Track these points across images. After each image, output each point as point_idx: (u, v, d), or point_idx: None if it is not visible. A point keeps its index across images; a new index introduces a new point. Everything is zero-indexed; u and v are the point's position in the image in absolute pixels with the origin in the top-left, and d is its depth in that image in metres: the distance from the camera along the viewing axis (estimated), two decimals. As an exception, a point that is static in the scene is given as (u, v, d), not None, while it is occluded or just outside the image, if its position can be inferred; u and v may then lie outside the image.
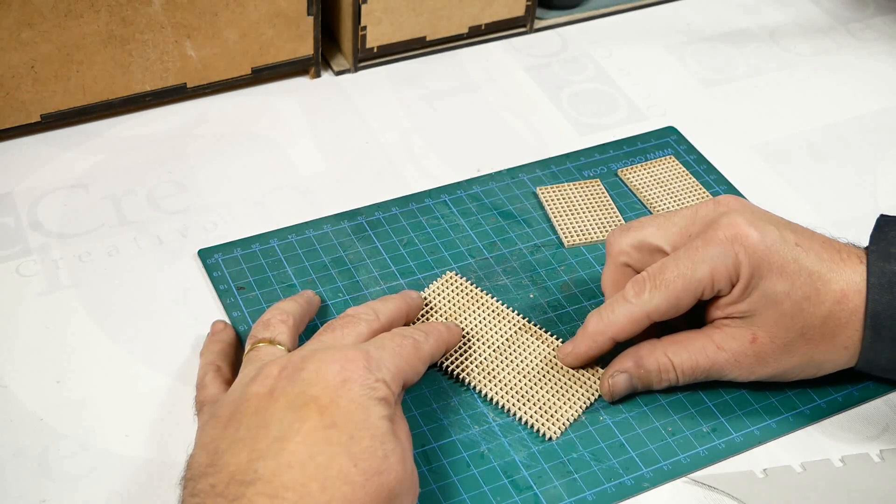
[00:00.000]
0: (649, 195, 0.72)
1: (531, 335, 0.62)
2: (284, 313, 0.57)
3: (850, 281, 0.56)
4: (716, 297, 0.57)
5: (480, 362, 0.60)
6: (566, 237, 0.69)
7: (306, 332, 0.60)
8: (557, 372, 0.60)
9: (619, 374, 0.59)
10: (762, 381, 0.59)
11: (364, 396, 0.48)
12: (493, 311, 0.63)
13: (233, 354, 0.59)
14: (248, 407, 0.49)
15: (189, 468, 0.48)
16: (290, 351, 0.55)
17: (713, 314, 0.58)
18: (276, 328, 0.56)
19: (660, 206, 0.71)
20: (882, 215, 0.59)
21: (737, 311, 0.57)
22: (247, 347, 0.56)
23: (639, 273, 0.59)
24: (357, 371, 0.49)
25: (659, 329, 0.59)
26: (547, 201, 0.71)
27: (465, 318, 0.63)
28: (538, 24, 0.87)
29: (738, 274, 0.56)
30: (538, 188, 0.72)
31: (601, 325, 0.58)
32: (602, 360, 0.61)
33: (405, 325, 0.59)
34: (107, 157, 0.73)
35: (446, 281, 0.65)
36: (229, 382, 0.56)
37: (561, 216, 0.70)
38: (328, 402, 0.48)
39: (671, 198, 0.72)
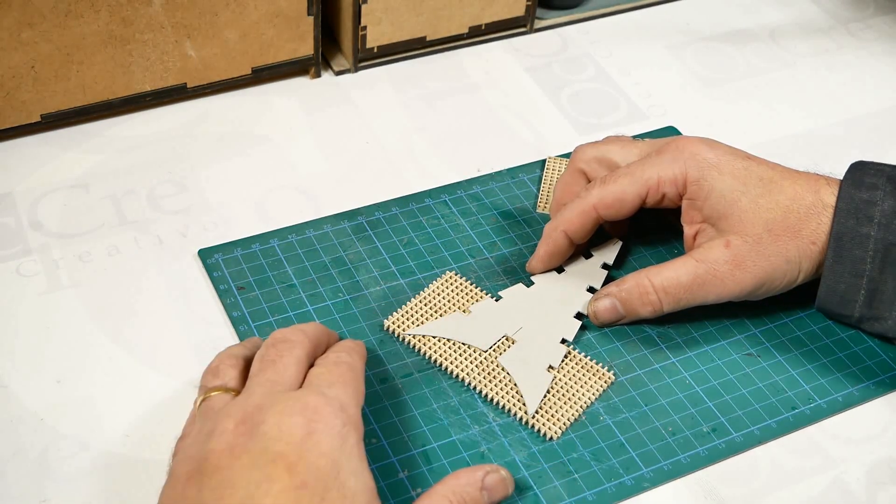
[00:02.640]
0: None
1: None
2: (233, 357, 0.54)
3: (805, 186, 0.61)
4: (689, 222, 0.62)
5: (480, 362, 0.60)
6: (541, 204, 0.71)
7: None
8: (558, 372, 0.60)
9: (603, 298, 0.63)
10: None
11: (333, 449, 0.46)
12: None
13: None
14: (207, 465, 0.46)
15: None
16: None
17: (692, 245, 0.63)
18: (226, 373, 0.52)
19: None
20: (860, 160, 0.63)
21: (702, 217, 0.61)
22: (198, 399, 0.52)
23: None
24: (322, 420, 0.47)
25: None
26: (548, 170, 0.73)
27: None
28: (538, 24, 0.87)
29: (684, 181, 0.61)
30: (548, 157, 0.74)
31: (553, 223, 0.64)
32: (604, 359, 0.62)
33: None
34: (107, 157, 0.73)
35: (446, 281, 0.65)
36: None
37: (550, 185, 0.72)
38: (296, 459, 0.45)
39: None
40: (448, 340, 0.61)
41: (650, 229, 0.70)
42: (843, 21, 0.92)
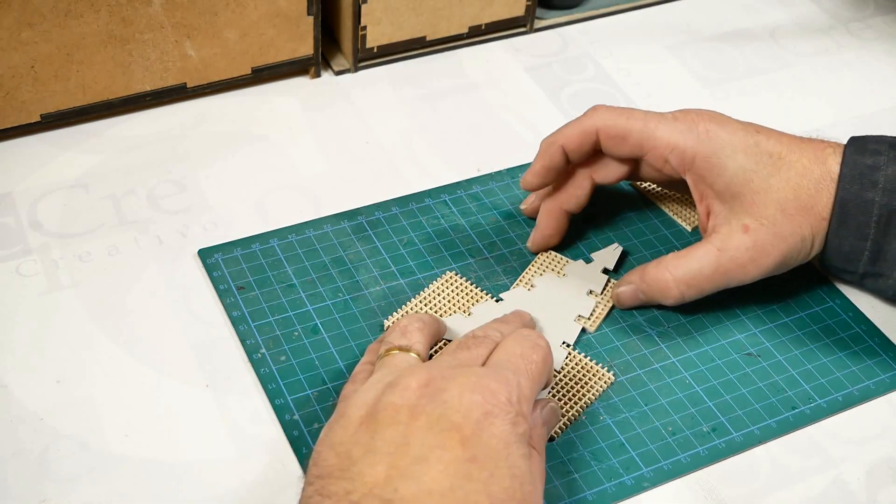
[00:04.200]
0: (654, 192, 0.72)
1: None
2: (422, 322, 0.56)
3: (812, 158, 0.61)
4: (700, 199, 0.62)
5: (480, 362, 0.60)
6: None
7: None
8: (558, 372, 0.60)
9: (625, 286, 0.63)
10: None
11: (506, 433, 0.47)
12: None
13: None
14: (384, 416, 0.47)
15: (316, 465, 0.47)
16: (422, 361, 0.54)
17: (706, 221, 0.63)
18: (413, 336, 0.54)
19: (662, 203, 0.71)
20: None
21: (713, 193, 0.61)
22: (381, 351, 0.54)
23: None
24: (499, 406, 0.47)
25: None
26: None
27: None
28: (538, 24, 0.87)
29: (693, 157, 0.61)
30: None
31: (552, 137, 0.64)
32: (604, 359, 0.62)
33: None
34: (107, 157, 0.73)
35: (446, 281, 0.65)
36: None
37: None
38: (470, 434, 0.46)
39: (672, 195, 0.72)
40: (449, 342, 0.61)
41: (649, 230, 0.70)
42: (843, 21, 0.92)
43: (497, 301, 0.64)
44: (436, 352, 0.60)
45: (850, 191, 0.60)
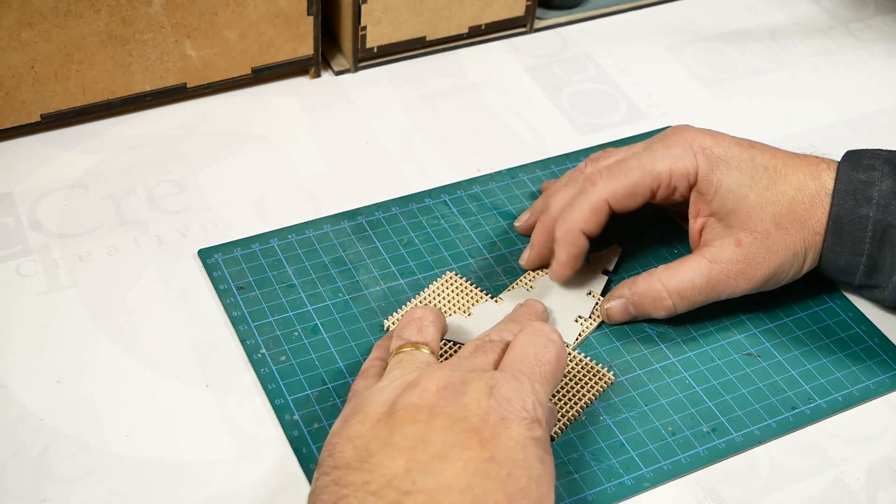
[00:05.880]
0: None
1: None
2: (435, 315, 0.56)
3: (807, 173, 0.61)
4: (696, 215, 0.62)
5: (480, 362, 0.60)
6: None
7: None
8: (557, 372, 0.60)
9: (615, 300, 0.63)
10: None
11: (523, 436, 0.48)
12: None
13: None
14: (404, 415, 0.48)
15: (332, 456, 0.47)
16: (435, 358, 0.54)
17: (697, 238, 0.63)
18: (428, 332, 0.55)
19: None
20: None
21: (710, 211, 0.62)
22: (393, 345, 0.55)
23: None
24: (514, 412, 0.48)
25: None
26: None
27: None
28: (538, 24, 0.87)
29: (695, 174, 0.61)
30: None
31: (567, 224, 0.62)
32: (604, 359, 0.62)
33: None
34: (107, 157, 0.73)
35: (446, 281, 0.65)
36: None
37: None
38: (489, 437, 0.47)
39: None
40: (449, 342, 0.61)
41: (649, 230, 0.70)
42: (843, 21, 0.92)
43: (497, 301, 0.64)
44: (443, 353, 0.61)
45: (845, 206, 0.60)
